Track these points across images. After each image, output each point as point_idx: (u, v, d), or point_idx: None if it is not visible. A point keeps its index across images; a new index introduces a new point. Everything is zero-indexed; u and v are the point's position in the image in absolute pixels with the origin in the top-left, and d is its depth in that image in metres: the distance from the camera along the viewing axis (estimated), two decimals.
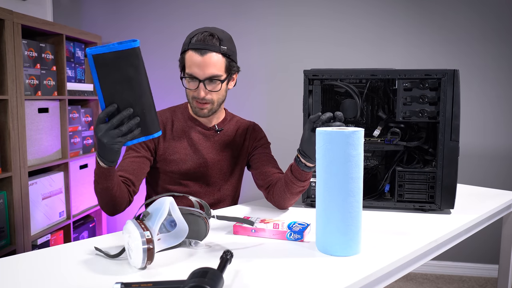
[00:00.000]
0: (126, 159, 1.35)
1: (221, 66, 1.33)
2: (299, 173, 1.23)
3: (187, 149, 1.42)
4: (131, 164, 1.34)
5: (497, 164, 2.58)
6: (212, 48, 1.31)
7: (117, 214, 1.27)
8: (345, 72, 1.35)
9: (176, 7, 2.78)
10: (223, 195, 1.48)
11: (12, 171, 1.88)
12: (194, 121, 1.45)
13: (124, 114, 1.00)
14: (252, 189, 1.69)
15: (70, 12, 2.85)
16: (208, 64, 1.31)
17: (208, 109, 1.38)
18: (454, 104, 1.30)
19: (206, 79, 1.32)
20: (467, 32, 2.55)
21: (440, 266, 2.70)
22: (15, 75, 1.88)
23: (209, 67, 1.31)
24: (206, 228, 1.04)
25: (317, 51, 2.67)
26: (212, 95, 1.36)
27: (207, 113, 1.39)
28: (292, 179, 1.25)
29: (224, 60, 1.34)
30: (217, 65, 1.32)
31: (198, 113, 1.39)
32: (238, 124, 1.51)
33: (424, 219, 1.29)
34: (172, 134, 1.43)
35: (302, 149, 1.19)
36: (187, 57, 1.33)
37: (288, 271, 0.89)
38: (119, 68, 0.96)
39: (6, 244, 1.88)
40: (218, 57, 1.32)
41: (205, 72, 1.31)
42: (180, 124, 1.44)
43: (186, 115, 1.46)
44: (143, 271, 0.89)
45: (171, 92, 2.75)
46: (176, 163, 1.41)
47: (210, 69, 1.31)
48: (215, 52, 1.31)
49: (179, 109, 1.49)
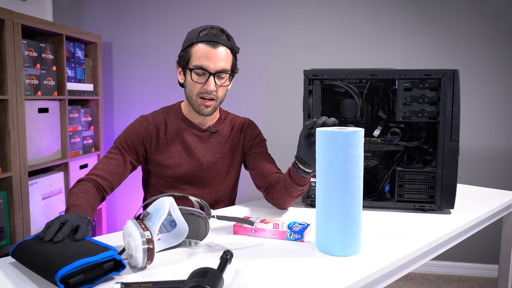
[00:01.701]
0: (109, 160, 1.33)
1: (229, 61, 1.33)
2: (298, 178, 1.21)
3: (181, 153, 1.39)
4: (111, 166, 1.31)
5: (497, 164, 2.58)
6: (224, 43, 1.30)
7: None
8: (345, 72, 1.35)
9: (176, 7, 2.78)
10: (220, 196, 1.46)
11: (12, 171, 1.88)
12: (188, 122, 1.41)
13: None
14: (252, 189, 1.69)
15: (70, 12, 2.85)
16: (220, 57, 1.29)
17: (212, 107, 1.34)
18: (454, 104, 1.30)
19: (217, 73, 1.30)
20: (467, 32, 2.55)
21: (440, 266, 2.70)
22: (15, 75, 1.88)
23: (220, 60, 1.29)
24: (206, 228, 1.04)
25: (317, 51, 2.67)
26: (219, 91, 1.33)
27: (211, 111, 1.35)
28: (291, 183, 1.23)
29: (232, 56, 1.34)
30: (227, 60, 1.31)
31: (201, 111, 1.34)
32: (232, 122, 1.48)
33: (424, 219, 1.29)
34: (165, 138, 1.39)
35: (299, 156, 1.17)
36: (196, 49, 1.30)
37: (288, 271, 0.89)
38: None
39: (6, 244, 1.88)
40: (228, 52, 1.32)
41: (216, 65, 1.29)
42: (173, 127, 1.40)
43: (180, 116, 1.42)
44: (143, 271, 0.89)
45: (170, 92, 2.75)
46: (171, 168, 1.39)
47: (221, 62, 1.29)
48: (226, 46, 1.31)
49: (172, 110, 1.44)
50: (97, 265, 0.82)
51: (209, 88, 1.30)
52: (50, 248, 0.88)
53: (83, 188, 1.22)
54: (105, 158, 1.34)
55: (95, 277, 0.82)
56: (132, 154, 1.36)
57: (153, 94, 2.82)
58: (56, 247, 0.88)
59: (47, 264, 0.82)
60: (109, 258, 0.83)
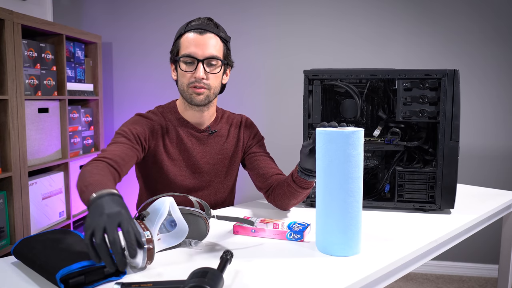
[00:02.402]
0: (118, 144, 1.22)
1: (220, 48, 1.30)
2: (304, 182, 1.21)
3: (180, 155, 1.36)
4: (122, 149, 1.21)
5: (497, 164, 2.58)
6: (212, 30, 1.29)
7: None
8: (345, 72, 1.35)
9: (176, 7, 2.78)
10: (219, 198, 1.44)
11: (12, 171, 1.88)
12: (186, 123, 1.37)
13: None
14: (251, 189, 1.69)
15: (70, 12, 2.85)
16: (208, 44, 1.27)
17: (205, 95, 1.29)
18: (454, 104, 1.30)
19: (205, 59, 1.27)
20: (467, 31, 2.55)
21: (440, 266, 2.70)
22: (15, 75, 1.88)
23: (208, 47, 1.27)
24: (206, 228, 1.04)
25: (317, 51, 2.67)
26: (210, 80, 1.29)
27: (204, 100, 1.30)
28: (297, 188, 1.23)
29: (222, 44, 1.31)
30: (216, 46, 1.29)
31: (193, 100, 1.29)
32: (229, 120, 1.45)
33: (424, 219, 1.29)
34: (166, 139, 1.35)
35: (304, 167, 1.17)
36: (184, 39, 1.28)
37: (288, 271, 0.89)
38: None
39: (6, 244, 1.88)
40: (217, 39, 1.30)
41: (205, 52, 1.26)
42: (172, 127, 1.36)
43: (176, 116, 1.38)
44: (143, 271, 0.89)
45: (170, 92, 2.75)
46: (169, 171, 1.35)
47: (210, 49, 1.27)
48: (214, 34, 1.29)
49: (167, 109, 1.39)
50: (98, 268, 0.82)
51: (198, 75, 1.26)
52: (52, 248, 0.88)
53: (95, 165, 1.09)
54: (114, 144, 1.22)
55: (95, 280, 0.82)
56: (138, 145, 1.28)
57: (153, 94, 2.82)
58: (58, 247, 0.88)
59: (49, 263, 0.82)
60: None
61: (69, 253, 0.85)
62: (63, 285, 0.78)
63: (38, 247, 0.89)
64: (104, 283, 0.82)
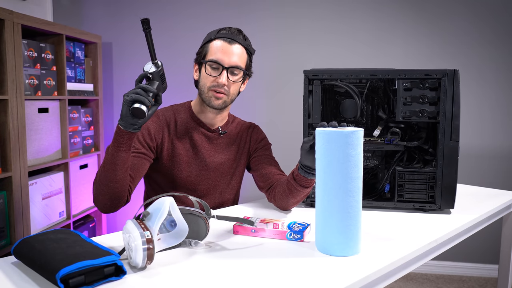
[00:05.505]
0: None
1: (244, 59, 1.37)
2: (304, 180, 1.21)
3: (189, 151, 1.40)
4: (131, 159, 1.26)
5: (497, 164, 2.58)
6: (240, 41, 1.36)
7: (111, 212, 1.21)
8: (345, 72, 1.35)
9: (177, 9, 2.78)
10: (224, 199, 1.47)
11: (12, 171, 1.88)
12: (198, 121, 1.43)
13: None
14: (252, 189, 1.69)
15: (70, 12, 2.85)
16: (234, 53, 1.34)
17: (223, 100, 1.36)
18: (454, 104, 1.30)
19: (230, 67, 1.34)
20: (465, 33, 2.55)
21: (440, 266, 2.70)
22: (15, 75, 1.88)
23: (234, 56, 1.34)
24: (206, 228, 1.04)
25: (317, 53, 2.67)
26: (230, 87, 1.36)
27: (221, 104, 1.37)
28: (297, 186, 1.23)
29: (247, 56, 1.39)
30: (241, 57, 1.36)
31: (211, 102, 1.36)
32: (239, 126, 1.51)
33: (424, 219, 1.29)
34: (175, 134, 1.40)
35: (304, 165, 1.18)
36: (212, 45, 1.35)
37: (288, 271, 0.89)
38: None
39: (6, 244, 1.88)
40: (243, 51, 1.37)
41: (231, 60, 1.33)
42: (183, 124, 1.41)
43: (189, 114, 1.43)
44: (143, 271, 0.89)
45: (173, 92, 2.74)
46: (177, 166, 1.38)
47: (235, 58, 1.34)
48: (241, 45, 1.36)
49: (181, 108, 1.45)
50: (98, 268, 0.82)
51: (221, 81, 1.33)
52: (52, 248, 0.88)
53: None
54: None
55: (95, 280, 0.82)
56: (147, 150, 1.33)
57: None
58: (58, 247, 0.88)
59: (49, 263, 0.82)
60: (111, 262, 0.83)
61: (69, 253, 0.84)
62: (63, 285, 0.77)
63: (38, 247, 0.89)
64: (104, 283, 0.82)
